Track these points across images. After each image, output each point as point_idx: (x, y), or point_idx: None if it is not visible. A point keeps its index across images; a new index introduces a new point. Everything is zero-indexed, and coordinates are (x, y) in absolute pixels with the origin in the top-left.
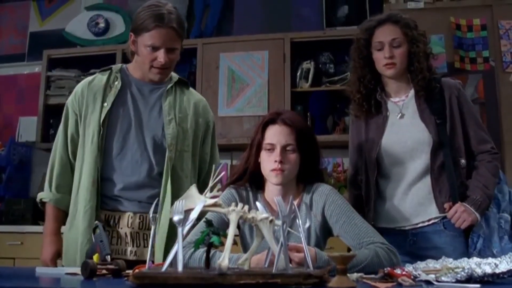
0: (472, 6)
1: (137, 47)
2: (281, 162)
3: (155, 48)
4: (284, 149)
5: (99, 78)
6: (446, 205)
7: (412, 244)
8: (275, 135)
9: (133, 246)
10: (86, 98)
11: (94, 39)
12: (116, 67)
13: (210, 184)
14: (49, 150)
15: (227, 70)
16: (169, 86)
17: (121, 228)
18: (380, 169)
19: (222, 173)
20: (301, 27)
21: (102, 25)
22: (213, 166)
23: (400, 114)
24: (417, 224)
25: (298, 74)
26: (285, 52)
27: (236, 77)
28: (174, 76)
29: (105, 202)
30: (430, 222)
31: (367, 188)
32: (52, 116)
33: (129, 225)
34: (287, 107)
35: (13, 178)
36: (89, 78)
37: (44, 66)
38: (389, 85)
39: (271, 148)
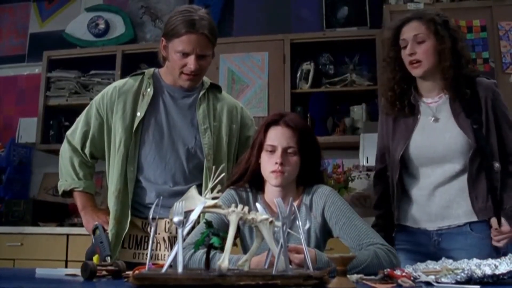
0: (472, 7)
1: (168, 52)
2: (281, 164)
3: (185, 54)
4: (285, 151)
5: (130, 83)
6: (494, 224)
7: (436, 244)
8: (277, 136)
9: (171, 250)
10: (115, 103)
11: (94, 40)
12: (149, 72)
13: (210, 185)
14: (49, 151)
15: (227, 71)
16: (202, 92)
17: (159, 234)
18: (407, 169)
19: (223, 174)
20: (301, 28)
21: (102, 26)
22: (213, 167)
23: (433, 118)
24: (442, 227)
25: (298, 75)
26: (285, 53)
27: (236, 78)
28: (206, 81)
29: (140, 211)
30: (456, 226)
31: (392, 186)
32: (52, 117)
33: (166, 230)
34: (287, 108)
35: (13, 179)
36: (120, 82)
37: (44, 67)
38: (420, 84)
39: (272, 150)
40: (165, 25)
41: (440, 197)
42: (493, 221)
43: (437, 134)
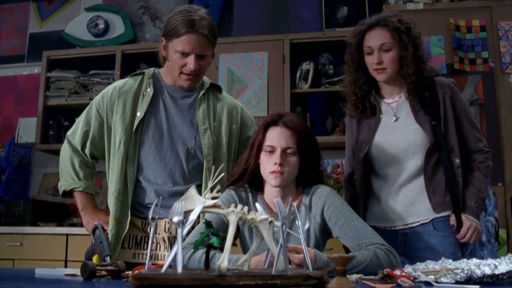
0: (471, 7)
1: (167, 52)
2: (281, 164)
3: (185, 54)
4: (284, 151)
5: (130, 83)
6: (452, 221)
7: (402, 244)
8: (276, 137)
9: (170, 250)
10: (115, 103)
11: (94, 40)
12: (149, 72)
13: (210, 185)
14: (48, 151)
15: (226, 71)
16: (202, 92)
17: (158, 234)
18: (372, 169)
19: (222, 174)
20: (301, 28)
21: (101, 26)
22: (213, 167)
23: (394, 118)
24: (407, 224)
25: (298, 75)
26: (285, 53)
27: (235, 78)
28: (206, 81)
29: (140, 211)
30: (419, 223)
31: (357, 187)
32: (51, 117)
33: (166, 230)
34: (286, 108)
35: (12, 179)
36: (120, 82)
37: (43, 67)
38: (383, 88)
39: (272, 150)
40: (165, 25)
41: (404, 195)
42: (452, 219)
43: (398, 132)
